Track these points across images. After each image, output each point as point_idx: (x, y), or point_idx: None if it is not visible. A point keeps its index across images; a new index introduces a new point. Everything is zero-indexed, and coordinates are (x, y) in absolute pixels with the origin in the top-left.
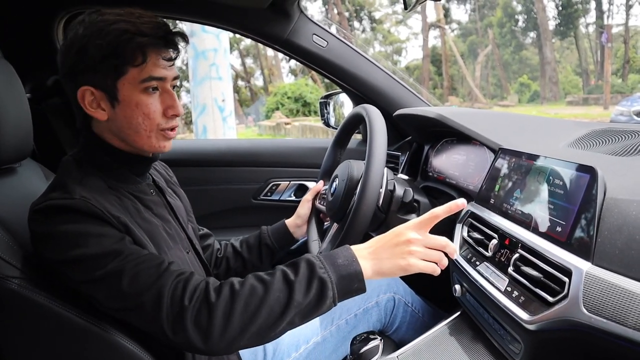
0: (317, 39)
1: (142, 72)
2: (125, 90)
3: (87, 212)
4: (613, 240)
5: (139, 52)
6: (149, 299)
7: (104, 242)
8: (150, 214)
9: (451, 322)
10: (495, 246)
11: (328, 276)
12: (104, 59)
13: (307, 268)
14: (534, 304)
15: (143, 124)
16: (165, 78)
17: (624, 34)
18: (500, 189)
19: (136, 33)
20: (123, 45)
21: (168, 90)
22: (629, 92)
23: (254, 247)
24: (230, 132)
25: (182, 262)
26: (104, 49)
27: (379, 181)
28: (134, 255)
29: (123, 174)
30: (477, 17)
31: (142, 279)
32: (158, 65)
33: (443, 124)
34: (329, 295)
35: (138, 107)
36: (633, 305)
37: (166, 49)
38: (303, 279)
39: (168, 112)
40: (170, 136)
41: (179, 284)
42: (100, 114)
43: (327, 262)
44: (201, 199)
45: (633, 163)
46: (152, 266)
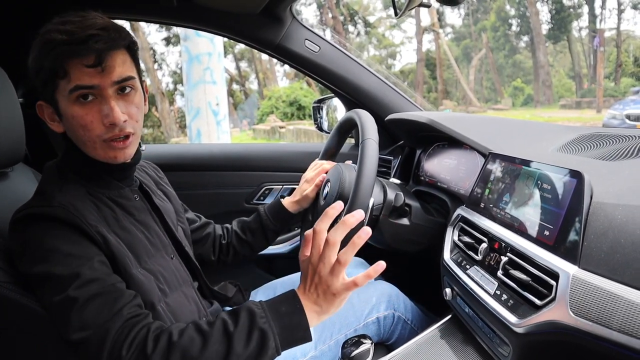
0: (310, 44)
1: (69, 83)
2: (62, 103)
3: (64, 221)
4: (599, 244)
5: (58, 63)
6: (96, 337)
7: (70, 262)
8: (131, 221)
9: (442, 325)
10: (484, 250)
11: (269, 326)
12: (37, 74)
13: (247, 318)
14: (522, 307)
15: (85, 136)
16: (97, 85)
17: (616, 38)
18: (490, 193)
19: (58, 42)
20: (44, 58)
21: (106, 97)
22: (622, 95)
23: (257, 231)
24: (225, 136)
25: (164, 269)
26: (35, 63)
27: (368, 197)
28: (95, 284)
29: (103, 179)
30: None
31: (93, 314)
32: (84, 73)
33: (434, 129)
34: (270, 346)
35: (74, 119)
36: (618, 308)
37: (86, 55)
38: (243, 330)
39: (105, 122)
40: (118, 146)
41: (126, 329)
42: (56, 127)
43: (270, 310)
44: (194, 203)
45: (619, 167)
46: (108, 301)
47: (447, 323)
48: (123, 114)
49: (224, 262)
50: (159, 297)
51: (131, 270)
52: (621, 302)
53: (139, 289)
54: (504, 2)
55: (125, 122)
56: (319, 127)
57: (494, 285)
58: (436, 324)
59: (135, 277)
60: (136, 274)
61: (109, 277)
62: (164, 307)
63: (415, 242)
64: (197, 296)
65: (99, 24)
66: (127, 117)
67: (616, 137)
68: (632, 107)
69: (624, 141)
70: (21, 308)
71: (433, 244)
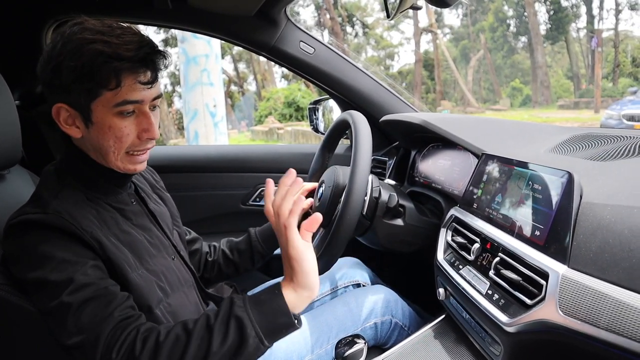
0: (304, 46)
1: (117, 96)
2: (98, 113)
3: (59, 228)
4: (588, 243)
5: (112, 76)
6: (89, 341)
7: (64, 268)
8: (130, 225)
9: (435, 325)
10: (477, 250)
11: (246, 313)
12: (77, 81)
13: (226, 307)
14: (513, 307)
15: (114, 147)
16: (142, 101)
17: (614, 38)
18: (482, 193)
19: (111, 56)
20: (97, 68)
21: (145, 113)
22: (619, 95)
23: (245, 253)
24: (222, 138)
25: (166, 269)
26: (77, 70)
27: (363, 190)
28: (88, 289)
29: (103, 185)
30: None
31: (86, 319)
32: (134, 88)
33: (428, 130)
34: (250, 334)
35: (111, 130)
36: (606, 307)
37: (144, 71)
38: (221, 322)
39: (142, 136)
40: (139, 160)
41: (117, 331)
42: (74, 132)
43: (249, 299)
44: (190, 204)
45: (609, 168)
46: (100, 305)
47: (441, 323)
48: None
49: (207, 279)
50: (159, 299)
51: (129, 275)
52: (609, 301)
53: (137, 293)
54: (502, 2)
55: None
56: (314, 129)
57: (485, 285)
58: (429, 324)
59: (133, 281)
60: (134, 278)
61: (102, 281)
62: (164, 309)
63: (409, 242)
64: (198, 297)
65: (147, 41)
66: None
67: (608, 138)
68: (629, 107)
69: (616, 142)
70: (19, 310)
71: (427, 245)
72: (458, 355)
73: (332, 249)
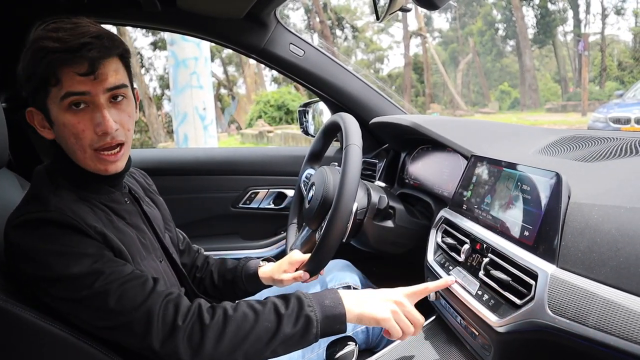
0: (294, 48)
1: (61, 90)
2: (53, 111)
3: (64, 224)
4: (576, 243)
5: (50, 70)
6: (138, 318)
7: (85, 262)
8: (124, 224)
9: (426, 326)
10: (467, 251)
11: (315, 315)
12: (28, 81)
13: (296, 304)
14: (502, 307)
15: (76, 144)
16: (88, 92)
17: (601, 42)
18: (472, 195)
19: (50, 50)
20: (37, 65)
21: (98, 105)
22: (606, 99)
23: (228, 285)
24: (212, 140)
25: (155, 271)
26: (26, 70)
27: (352, 196)
28: (117, 274)
29: (94, 185)
30: (458, 26)
31: (129, 298)
32: (75, 81)
33: (418, 132)
34: (312, 332)
35: (66, 127)
36: (594, 305)
37: (80, 62)
38: (292, 314)
39: (97, 130)
40: (108, 159)
41: (169, 304)
42: (47, 133)
43: (315, 301)
44: (180, 207)
45: (597, 168)
46: (137, 285)
47: (431, 324)
48: (115, 122)
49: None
50: None
51: (134, 265)
52: (597, 300)
53: None
54: (491, 7)
55: (117, 131)
56: (304, 131)
57: (475, 286)
58: None
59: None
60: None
61: (124, 267)
62: None
63: (400, 244)
64: None
65: (92, 31)
66: (119, 125)
67: (595, 139)
68: (616, 111)
69: (603, 143)
70: (7, 315)
71: (417, 246)
72: (449, 355)
73: (321, 255)
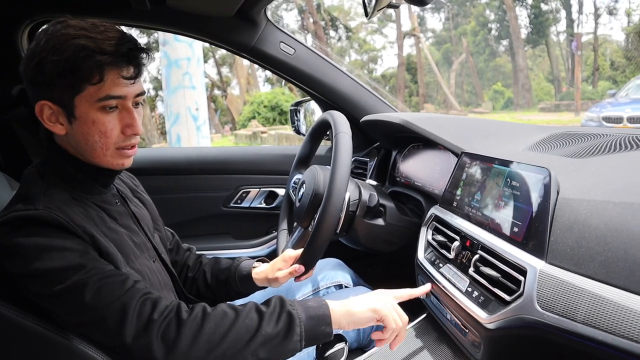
0: (285, 47)
1: (100, 90)
2: (82, 108)
3: (52, 223)
4: (565, 238)
5: (96, 70)
6: (113, 312)
7: (67, 256)
8: (116, 224)
9: (417, 324)
10: (457, 248)
11: (297, 313)
12: (60, 76)
13: (278, 303)
14: (492, 303)
15: (100, 142)
16: (125, 96)
17: (593, 42)
18: (462, 192)
19: (95, 50)
20: (80, 62)
21: (128, 108)
22: (599, 98)
23: (222, 285)
24: (205, 141)
25: (149, 270)
26: (60, 65)
27: (342, 194)
28: (98, 270)
29: (87, 184)
30: (451, 26)
31: (106, 292)
32: (117, 83)
33: (408, 130)
34: (296, 331)
35: (95, 125)
36: (582, 300)
37: (127, 67)
38: (274, 312)
39: (127, 131)
40: (128, 154)
41: (147, 301)
42: (58, 129)
43: (298, 303)
44: (171, 207)
45: (586, 164)
46: (116, 282)
47: (422, 322)
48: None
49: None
50: None
51: (122, 268)
52: (586, 295)
53: None
54: (484, 7)
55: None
56: (296, 130)
57: (465, 283)
58: (411, 323)
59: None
60: (127, 273)
61: (107, 265)
62: None
63: (390, 242)
64: (176, 300)
65: (131, 38)
66: None
67: (585, 136)
68: (608, 110)
69: (592, 139)
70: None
71: (408, 244)
72: (439, 353)
73: (313, 251)
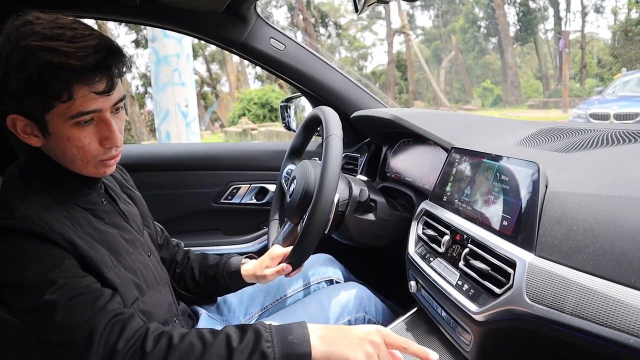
0: (275, 42)
1: (70, 108)
2: (54, 124)
3: (29, 232)
4: (553, 231)
5: (63, 88)
6: (80, 335)
7: (42, 268)
8: (103, 224)
9: (407, 318)
10: (447, 242)
11: (272, 352)
12: (27, 94)
13: (252, 338)
14: (482, 296)
15: (78, 155)
16: (100, 110)
17: (581, 40)
18: (452, 186)
19: (60, 66)
20: (45, 80)
21: (105, 120)
22: (586, 95)
23: (210, 282)
24: (194, 138)
25: (144, 266)
26: (25, 82)
27: (333, 190)
28: (71, 286)
29: (72, 187)
30: (440, 23)
31: (77, 313)
32: (89, 99)
33: (398, 125)
34: None
35: (70, 141)
36: (571, 292)
37: (98, 81)
38: (245, 349)
39: (104, 144)
40: (110, 164)
41: (116, 324)
42: (34, 141)
43: (277, 335)
44: (161, 203)
45: (574, 158)
46: (88, 300)
47: (413, 316)
48: (118, 132)
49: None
50: (134, 298)
51: (105, 274)
52: (574, 287)
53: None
54: (473, 4)
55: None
56: (286, 126)
57: (455, 276)
58: (402, 316)
59: (109, 281)
60: (110, 277)
61: (84, 279)
62: (137, 307)
63: (381, 237)
64: (172, 296)
65: (103, 43)
66: (119, 132)
67: (573, 131)
68: (596, 107)
69: (580, 134)
70: None
71: (399, 239)
72: (429, 345)
73: (303, 247)
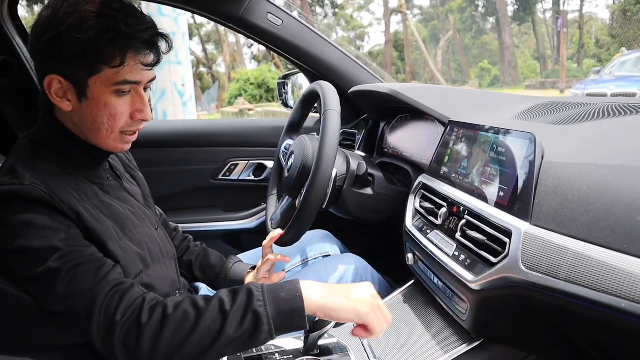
0: (272, 18)
1: (118, 74)
2: (95, 89)
3: (36, 199)
4: (549, 201)
5: (118, 54)
6: (82, 305)
7: (47, 235)
8: (110, 198)
9: (404, 290)
10: (444, 214)
11: (265, 310)
12: (79, 55)
13: (245, 299)
14: (478, 266)
15: (107, 124)
16: (140, 82)
17: (579, 20)
18: (449, 160)
19: (120, 33)
20: (103, 44)
21: (140, 94)
22: (584, 76)
23: (208, 279)
24: (191, 117)
25: (149, 239)
26: (81, 44)
27: (330, 164)
28: (74, 255)
29: (81, 159)
30: (438, 3)
31: (79, 282)
32: (135, 69)
33: (396, 100)
34: (263, 329)
35: (106, 108)
36: (565, 259)
37: (148, 54)
38: (238, 311)
39: (135, 116)
40: (129, 140)
41: (116, 295)
42: (65, 105)
43: (269, 294)
44: (159, 180)
45: (570, 130)
46: (91, 269)
47: (410, 288)
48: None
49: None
50: (137, 271)
51: (109, 246)
52: (569, 254)
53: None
54: None
55: None
56: (284, 103)
57: (452, 247)
58: (399, 289)
59: (113, 254)
60: (114, 250)
61: (87, 248)
62: (141, 280)
63: (379, 211)
64: (177, 270)
65: (153, 24)
66: None
67: (569, 105)
68: (593, 87)
69: (576, 108)
70: None
71: (396, 213)
72: (426, 316)
73: (301, 221)
